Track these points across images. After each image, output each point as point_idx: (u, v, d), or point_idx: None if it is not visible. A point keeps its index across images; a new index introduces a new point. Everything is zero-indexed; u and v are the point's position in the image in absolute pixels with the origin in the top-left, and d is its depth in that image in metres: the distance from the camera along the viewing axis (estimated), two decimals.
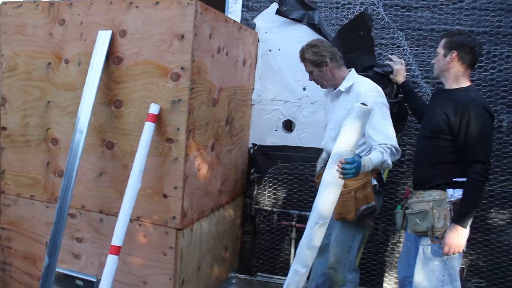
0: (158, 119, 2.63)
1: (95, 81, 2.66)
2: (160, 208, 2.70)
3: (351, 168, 2.26)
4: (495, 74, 3.21)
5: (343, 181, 2.33)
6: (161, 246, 2.72)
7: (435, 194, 2.53)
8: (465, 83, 2.56)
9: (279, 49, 3.56)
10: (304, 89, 3.55)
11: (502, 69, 3.20)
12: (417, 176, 2.72)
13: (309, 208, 3.55)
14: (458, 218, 2.43)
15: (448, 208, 2.47)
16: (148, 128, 2.58)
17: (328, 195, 2.33)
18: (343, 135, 2.29)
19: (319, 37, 3.47)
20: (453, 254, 2.44)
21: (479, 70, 3.22)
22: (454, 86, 2.57)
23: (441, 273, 2.49)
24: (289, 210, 3.63)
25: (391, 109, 3.21)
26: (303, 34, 3.49)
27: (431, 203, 2.52)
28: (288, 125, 3.64)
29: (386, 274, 3.55)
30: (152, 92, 2.64)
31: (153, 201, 2.71)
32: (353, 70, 2.92)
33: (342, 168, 2.24)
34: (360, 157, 2.40)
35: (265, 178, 3.67)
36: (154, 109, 2.61)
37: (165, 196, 2.68)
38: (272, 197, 3.71)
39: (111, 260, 2.50)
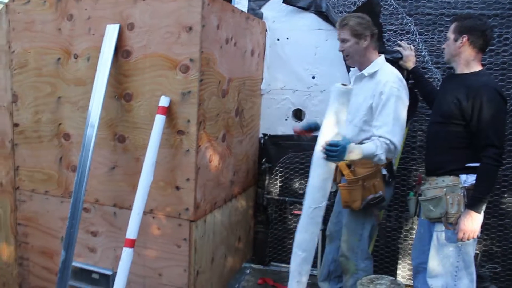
0: (168, 112, 2.63)
1: (105, 75, 2.67)
2: (173, 200, 2.72)
3: (334, 151, 2.24)
4: (507, 57, 3.17)
5: (333, 164, 2.32)
6: (175, 238, 2.74)
7: (448, 180, 2.51)
8: (476, 67, 2.52)
9: (287, 38, 3.54)
10: (313, 77, 3.53)
11: None
12: (430, 162, 2.70)
13: None
14: (472, 204, 2.41)
15: (462, 194, 2.45)
16: (159, 120, 2.59)
17: (315, 179, 2.34)
18: (326, 118, 2.29)
19: (327, 24, 3.45)
20: (468, 240, 2.43)
21: (490, 54, 3.18)
22: (466, 71, 2.54)
23: (456, 259, 2.48)
24: (301, 199, 3.62)
25: None
26: (311, 22, 3.48)
27: (444, 189, 2.50)
28: (298, 114, 3.63)
29: (399, 262, 3.55)
30: (161, 84, 2.65)
31: (166, 193, 2.73)
32: (382, 56, 2.80)
33: (326, 150, 2.23)
34: (349, 142, 2.34)
35: (277, 168, 3.67)
36: (164, 101, 2.61)
37: (177, 188, 2.70)
38: (283, 186, 3.71)
39: (126, 253, 2.52)
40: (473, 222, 2.39)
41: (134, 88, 2.73)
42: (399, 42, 3.30)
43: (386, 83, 2.61)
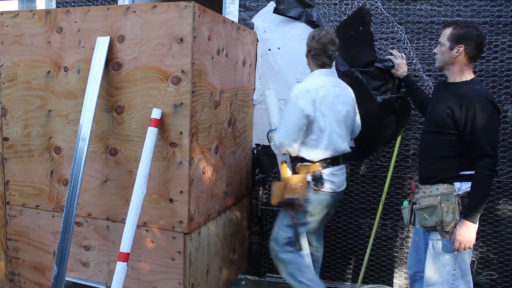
0: (160, 124, 2.61)
1: (96, 88, 2.65)
2: (166, 213, 2.69)
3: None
4: (497, 64, 3.19)
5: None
6: (169, 251, 2.71)
7: (442, 188, 2.50)
8: (469, 75, 2.52)
9: (279, 48, 3.55)
10: None
11: (504, 59, 3.19)
12: (423, 171, 2.69)
13: None
14: (467, 214, 2.40)
15: (456, 202, 2.44)
16: (151, 133, 2.57)
17: None
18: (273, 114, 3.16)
19: None
20: (464, 249, 2.42)
21: (481, 61, 3.20)
22: (458, 80, 2.54)
23: (452, 267, 2.47)
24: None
25: (394, 104, 3.21)
26: (302, 32, 3.47)
27: (439, 197, 2.49)
28: None
29: (396, 270, 3.53)
30: (153, 96, 2.63)
31: (159, 206, 2.70)
32: (316, 71, 2.94)
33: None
34: (273, 130, 3.03)
35: (270, 178, 3.65)
36: (156, 113, 2.59)
37: (171, 200, 2.67)
38: None
39: (120, 267, 2.49)
40: (469, 232, 2.38)
41: (125, 100, 2.71)
42: (390, 50, 3.31)
43: (292, 92, 2.85)
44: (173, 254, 2.70)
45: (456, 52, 2.48)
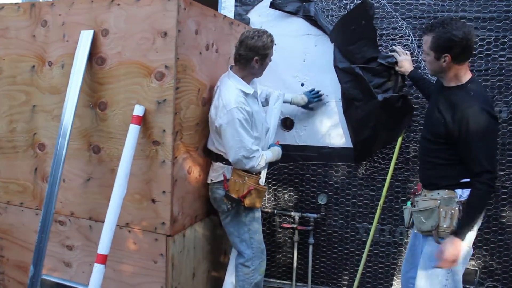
0: (143, 121, 2.51)
1: (78, 83, 2.56)
2: (149, 213, 2.59)
3: None
4: (504, 62, 3.01)
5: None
6: (151, 253, 2.61)
7: (443, 193, 2.37)
8: (465, 77, 2.33)
9: (275, 44, 3.36)
10: (302, 85, 3.40)
11: None
12: (422, 177, 2.58)
13: (311, 209, 3.43)
14: (459, 231, 2.23)
15: (457, 208, 2.29)
16: (133, 130, 2.47)
17: None
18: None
19: (316, 30, 3.32)
20: (447, 268, 2.27)
21: (487, 59, 3.03)
22: (452, 84, 2.35)
23: (445, 277, 2.33)
24: (290, 211, 3.48)
25: (395, 103, 3.07)
26: (299, 28, 3.36)
27: (438, 201, 2.36)
28: (288, 123, 3.49)
29: (394, 278, 3.37)
30: (136, 93, 2.53)
31: (142, 206, 2.60)
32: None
33: None
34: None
35: (265, 179, 3.51)
36: (138, 110, 2.49)
37: (153, 201, 2.57)
38: (272, 198, 3.57)
39: (98, 269, 2.40)
40: (456, 250, 2.21)
41: (108, 96, 2.61)
42: (393, 46, 3.15)
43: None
44: (155, 257, 2.60)
45: (443, 61, 2.28)
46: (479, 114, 2.20)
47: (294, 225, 3.43)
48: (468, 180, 2.28)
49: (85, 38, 2.61)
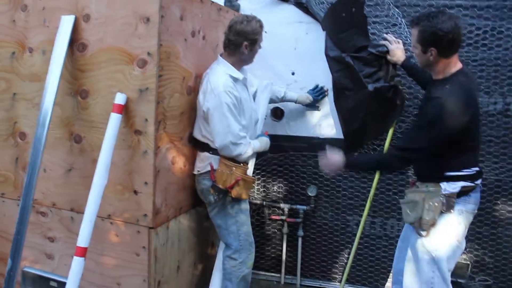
0: (125, 110, 2.43)
1: (58, 70, 2.47)
2: (131, 205, 2.52)
3: None
4: (500, 52, 2.93)
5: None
6: (134, 245, 2.54)
7: (431, 185, 2.35)
8: (453, 68, 2.28)
9: (266, 32, 3.27)
10: (293, 73, 3.32)
11: (508, 47, 2.92)
12: (414, 168, 2.60)
13: (301, 201, 3.36)
14: (348, 159, 2.51)
15: (441, 201, 2.28)
16: (114, 119, 2.39)
17: None
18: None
19: (308, 17, 3.23)
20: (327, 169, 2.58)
21: (483, 49, 2.95)
22: (440, 76, 2.32)
23: (431, 269, 2.33)
24: (279, 203, 3.41)
25: (386, 94, 2.99)
26: (291, 15, 3.27)
27: (424, 194, 2.34)
28: (278, 113, 3.41)
29: (384, 271, 3.32)
30: (118, 81, 2.44)
31: (124, 197, 2.53)
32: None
33: None
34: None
35: (253, 170, 3.44)
36: (120, 99, 2.41)
37: (135, 192, 2.49)
38: (261, 190, 3.50)
39: (77, 262, 2.34)
40: (333, 162, 2.50)
41: (90, 84, 2.53)
42: (384, 35, 3.06)
43: None
44: (137, 249, 2.54)
45: (430, 55, 2.24)
46: (438, 105, 2.18)
47: (284, 217, 3.38)
48: (453, 174, 2.29)
49: (66, 24, 2.51)
